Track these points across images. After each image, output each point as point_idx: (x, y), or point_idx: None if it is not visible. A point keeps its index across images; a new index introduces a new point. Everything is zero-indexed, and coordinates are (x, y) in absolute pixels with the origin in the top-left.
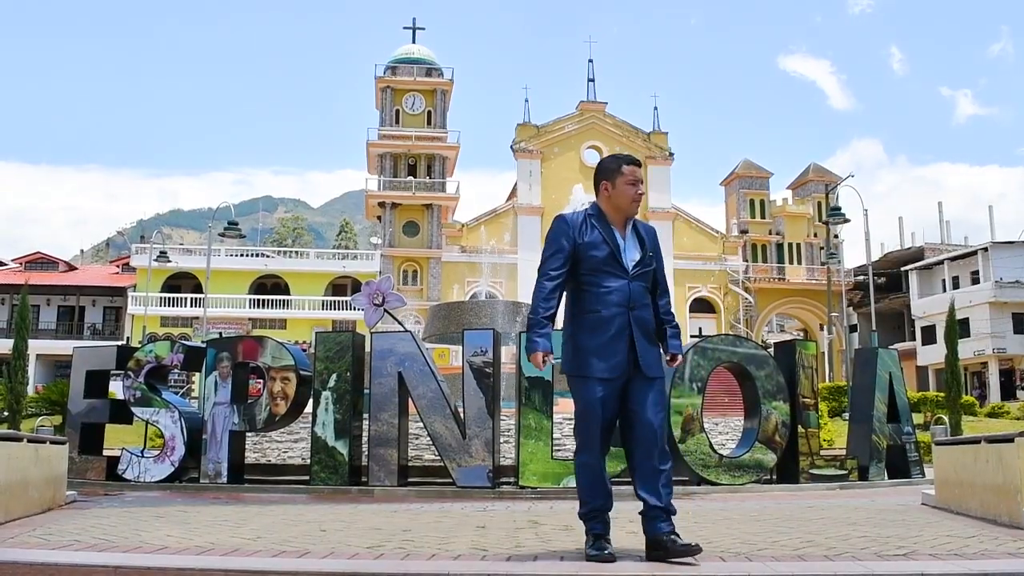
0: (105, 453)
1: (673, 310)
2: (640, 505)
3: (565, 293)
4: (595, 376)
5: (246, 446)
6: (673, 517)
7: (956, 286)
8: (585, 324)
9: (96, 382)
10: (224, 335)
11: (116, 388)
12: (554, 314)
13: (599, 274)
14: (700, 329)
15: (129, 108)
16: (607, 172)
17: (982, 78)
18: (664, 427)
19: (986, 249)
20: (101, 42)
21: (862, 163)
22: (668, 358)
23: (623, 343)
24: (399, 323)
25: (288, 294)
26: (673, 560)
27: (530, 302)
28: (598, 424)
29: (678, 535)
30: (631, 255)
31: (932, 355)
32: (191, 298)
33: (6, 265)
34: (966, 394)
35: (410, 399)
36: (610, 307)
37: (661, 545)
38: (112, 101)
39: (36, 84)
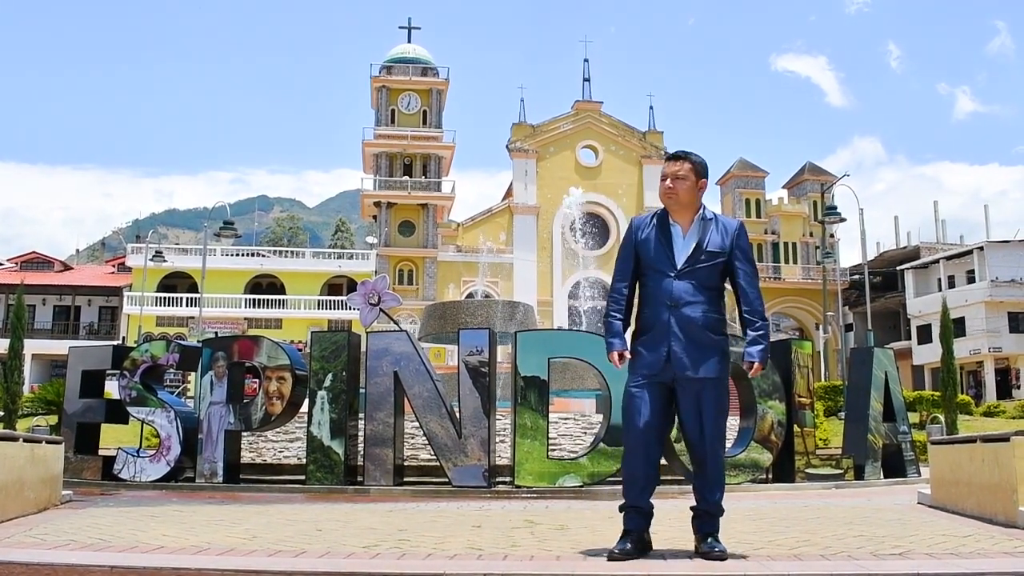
0: (101, 453)
1: (757, 307)
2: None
3: None
4: (638, 374)
5: (242, 446)
6: (717, 518)
7: (952, 285)
8: (639, 323)
9: (92, 382)
10: (220, 335)
11: (112, 388)
12: (624, 315)
13: (648, 272)
14: None
15: (125, 108)
16: None
17: (981, 74)
18: (712, 431)
19: (981, 248)
20: (98, 42)
21: (862, 161)
22: (746, 366)
23: (663, 342)
24: (395, 322)
25: (284, 294)
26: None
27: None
28: (634, 421)
29: (714, 537)
30: (683, 252)
31: (928, 354)
32: (187, 298)
33: (2, 265)
34: (962, 393)
35: (406, 398)
36: (652, 305)
37: (697, 542)
38: (108, 100)
39: (32, 84)
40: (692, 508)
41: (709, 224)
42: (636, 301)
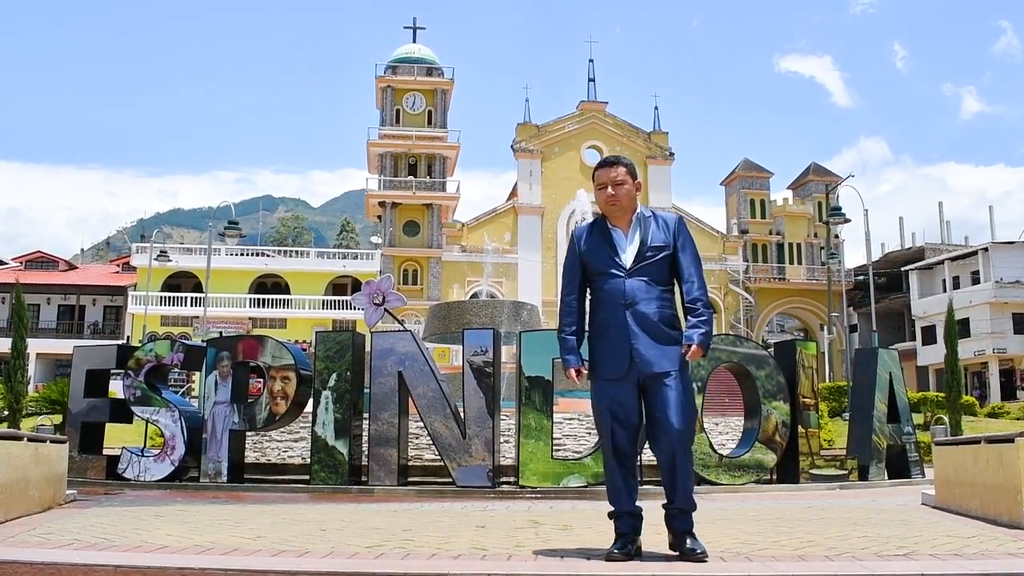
0: (105, 452)
1: (699, 295)
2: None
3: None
4: (601, 378)
5: (246, 445)
6: (693, 514)
7: (956, 286)
8: (593, 328)
9: (96, 381)
10: (224, 334)
11: (116, 387)
12: (578, 328)
13: (598, 276)
14: None
15: (130, 107)
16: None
17: (987, 74)
18: (683, 425)
19: (986, 249)
20: (103, 42)
21: (868, 161)
22: (683, 349)
23: (623, 341)
24: (399, 322)
25: (288, 293)
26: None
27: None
28: (607, 426)
29: (691, 536)
30: (630, 252)
31: (932, 355)
32: (191, 297)
33: (6, 264)
34: (966, 394)
35: (410, 398)
36: (607, 307)
37: (677, 543)
38: (113, 100)
39: (38, 84)
40: (664, 506)
41: (649, 221)
42: (588, 308)
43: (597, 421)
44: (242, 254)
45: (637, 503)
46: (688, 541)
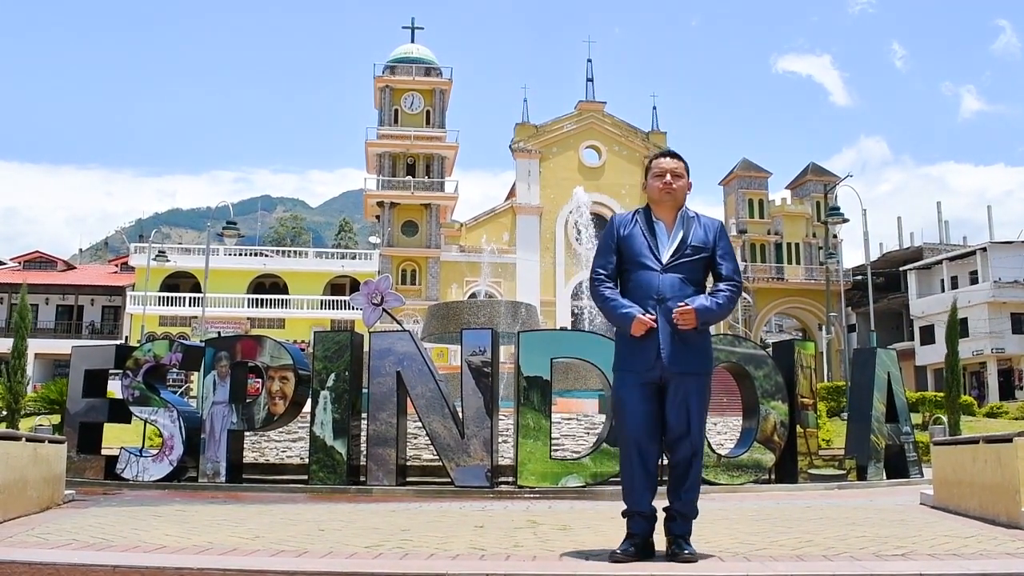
0: (104, 452)
1: (725, 287)
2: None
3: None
4: (628, 371)
5: (244, 445)
6: (691, 520)
7: (955, 286)
8: None
9: (95, 381)
10: (223, 334)
11: (115, 387)
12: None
13: (633, 268)
14: None
15: (130, 107)
16: (645, 170)
17: (986, 73)
18: (699, 429)
19: (984, 249)
20: (103, 42)
21: (868, 161)
22: (677, 308)
23: (652, 337)
24: (398, 323)
25: (287, 293)
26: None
27: (593, 302)
28: (627, 422)
29: (685, 540)
30: (669, 247)
31: (931, 355)
32: (190, 297)
33: (5, 264)
34: (965, 394)
35: (408, 399)
36: (638, 301)
37: (668, 544)
38: (113, 100)
39: (38, 84)
40: (665, 509)
41: (692, 220)
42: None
43: (618, 417)
44: (240, 254)
45: (653, 503)
46: (681, 543)
